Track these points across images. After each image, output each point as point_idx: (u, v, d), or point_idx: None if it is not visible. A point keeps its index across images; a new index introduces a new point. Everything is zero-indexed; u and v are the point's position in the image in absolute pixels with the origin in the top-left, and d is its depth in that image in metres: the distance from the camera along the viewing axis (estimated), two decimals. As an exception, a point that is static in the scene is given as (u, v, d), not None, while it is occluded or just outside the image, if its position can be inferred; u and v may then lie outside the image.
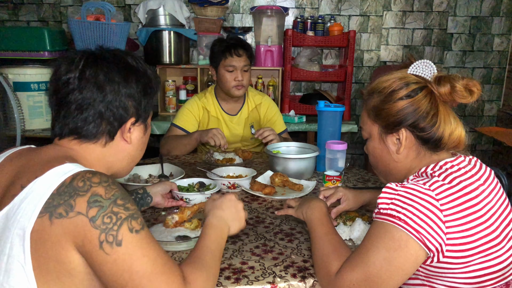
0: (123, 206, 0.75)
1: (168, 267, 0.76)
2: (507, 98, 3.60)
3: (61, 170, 0.75)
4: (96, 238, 0.71)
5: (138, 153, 0.96)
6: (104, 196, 0.73)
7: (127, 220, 0.74)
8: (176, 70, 3.39)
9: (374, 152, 1.07)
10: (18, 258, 0.71)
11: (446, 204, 0.86)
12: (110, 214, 0.72)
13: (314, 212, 1.12)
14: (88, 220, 0.71)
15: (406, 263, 0.86)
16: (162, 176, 1.65)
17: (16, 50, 2.66)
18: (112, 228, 0.72)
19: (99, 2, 2.63)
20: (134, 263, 0.73)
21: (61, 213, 0.71)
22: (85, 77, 0.83)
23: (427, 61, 0.99)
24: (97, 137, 0.86)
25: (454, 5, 3.48)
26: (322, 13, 3.48)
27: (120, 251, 0.72)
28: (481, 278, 0.88)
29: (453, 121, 0.97)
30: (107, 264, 0.72)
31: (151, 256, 0.75)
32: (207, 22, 3.22)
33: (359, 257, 0.90)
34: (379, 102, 1.01)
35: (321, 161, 1.81)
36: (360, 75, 3.61)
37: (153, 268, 0.74)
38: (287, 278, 0.98)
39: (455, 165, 0.95)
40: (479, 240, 0.87)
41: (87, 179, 0.74)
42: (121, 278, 0.72)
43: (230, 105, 2.22)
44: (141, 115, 0.91)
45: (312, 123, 3.05)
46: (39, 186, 0.73)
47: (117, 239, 0.72)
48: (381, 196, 0.91)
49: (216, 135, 1.89)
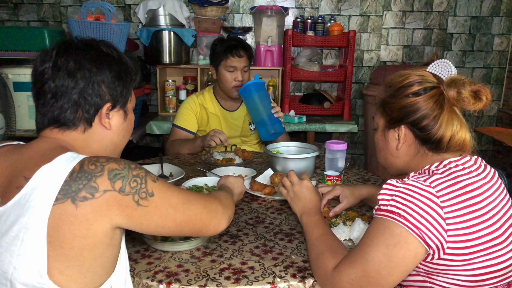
0: (137, 167, 0.82)
1: (190, 191, 0.94)
2: (507, 98, 3.60)
3: (66, 157, 0.78)
4: (131, 201, 0.78)
5: (121, 140, 0.97)
6: (119, 168, 0.79)
7: (147, 175, 0.83)
8: (176, 70, 3.39)
9: (377, 143, 1.10)
10: (33, 242, 0.73)
11: (446, 201, 0.86)
12: (134, 178, 0.80)
13: (310, 216, 1.13)
14: (117, 192, 0.77)
15: (406, 259, 0.86)
16: (162, 176, 1.65)
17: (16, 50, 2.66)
18: (141, 187, 0.80)
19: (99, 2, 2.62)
20: (171, 199, 0.85)
21: (85, 196, 0.74)
22: (57, 66, 0.86)
23: (446, 61, 0.99)
24: (75, 124, 0.88)
25: (454, 5, 3.48)
26: (322, 13, 3.48)
27: (155, 198, 0.82)
28: (482, 276, 0.88)
29: (456, 124, 0.96)
30: (151, 213, 0.82)
31: (176, 189, 0.88)
32: (207, 22, 3.22)
33: (359, 253, 0.90)
34: (387, 96, 1.02)
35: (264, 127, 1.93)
36: (360, 75, 3.61)
37: (184, 194, 0.89)
38: (287, 278, 0.98)
39: (459, 164, 0.95)
40: (481, 238, 0.86)
41: (96, 161, 0.78)
42: (168, 214, 0.84)
43: (229, 103, 2.25)
44: (117, 101, 0.92)
45: (312, 123, 3.05)
46: (49, 173, 0.75)
47: (148, 192, 0.81)
48: (382, 192, 0.91)
49: (214, 135, 1.92)
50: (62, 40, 0.91)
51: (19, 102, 2.64)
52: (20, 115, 2.66)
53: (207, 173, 1.65)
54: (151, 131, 3.00)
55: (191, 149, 2.08)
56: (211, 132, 1.94)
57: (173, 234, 0.91)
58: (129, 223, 0.81)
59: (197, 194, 0.95)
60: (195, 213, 0.90)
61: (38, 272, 0.73)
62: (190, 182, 1.47)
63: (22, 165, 0.80)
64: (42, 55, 0.88)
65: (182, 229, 0.90)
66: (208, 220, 0.93)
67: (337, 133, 3.31)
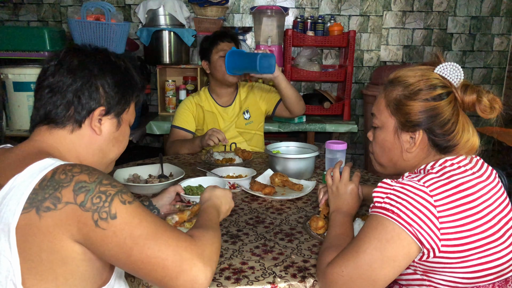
0: (110, 184, 0.74)
1: (169, 227, 0.78)
2: (507, 98, 3.60)
3: (41, 165, 0.75)
4: (90, 219, 0.71)
5: (110, 149, 0.93)
6: (88, 180, 0.73)
7: (117, 195, 0.74)
8: (176, 70, 3.39)
9: (383, 144, 1.05)
10: (4, 253, 0.71)
11: (440, 200, 0.86)
12: (98, 194, 0.72)
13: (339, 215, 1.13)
14: (77, 206, 0.71)
15: (398, 255, 0.86)
16: (162, 176, 1.65)
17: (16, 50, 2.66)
18: (103, 205, 0.72)
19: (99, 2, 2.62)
20: (134, 229, 0.73)
21: (49, 206, 0.71)
22: (61, 64, 0.87)
23: (455, 64, 0.97)
24: (64, 122, 0.86)
25: (454, 5, 3.48)
26: (322, 13, 3.48)
27: (116, 222, 0.72)
28: (479, 273, 0.88)
29: (471, 129, 0.97)
30: (107, 239, 0.72)
31: (149, 220, 0.75)
32: (207, 22, 3.22)
33: (352, 247, 0.91)
34: (402, 96, 0.99)
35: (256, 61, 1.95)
36: (360, 75, 3.61)
37: (155, 228, 0.74)
38: (287, 278, 0.98)
39: (455, 163, 0.95)
40: (475, 236, 0.87)
41: (68, 171, 0.74)
42: (124, 246, 0.72)
43: (223, 99, 2.29)
44: (112, 108, 0.90)
45: (312, 123, 3.05)
46: (20, 182, 0.73)
47: (111, 213, 0.72)
48: (377, 190, 0.92)
49: (212, 134, 1.93)
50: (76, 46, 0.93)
51: (19, 102, 2.64)
52: (20, 115, 2.66)
53: (207, 173, 1.65)
54: (151, 131, 3.01)
55: (190, 149, 2.09)
56: (209, 132, 1.95)
57: (129, 272, 0.76)
58: (87, 245, 0.73)
59: (174, 233, 0.76)
60: (157, 256, 0.73)
61: (14, 284, 0.71)
62: (185, 182, 1.47)
63: (0, 172, 0.78)
64: (51, 55, 0.89)
65: (137, 271, 0.74)
66: (176, 271, 0.74)
67: (337, 133, 3.31)
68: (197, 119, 2.26)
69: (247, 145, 2.29)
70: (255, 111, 2.30)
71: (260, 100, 2.32)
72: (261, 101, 2.31)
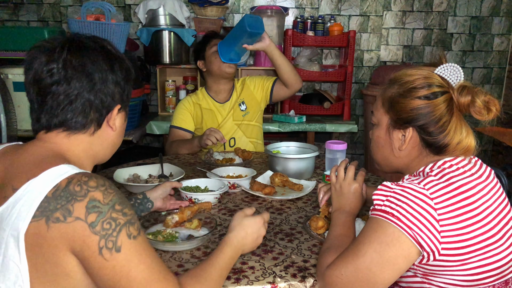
0: (121, 211, 0.74)
1: (163, 275, 0.77)
2: (507, 98, 3.60)
3: (56, 172, 0.74)
4: (96, 244, 0.71)
5: (119, 140, 0.95)
6: (102, 201, 0.72)
7: (125, 226, 0.74)
8: (176, 70, 3.39)
9: (377, 141, 1.07)
10: (14, 259, 0.71)
11: (440, 203, 0.86)
12: (109, 220, 0.72)
13: (341, 215, 1.12)
14: (87, 225, 0.71)
15: (398, 258, 0.86)
16: (162, 176, 1.65)
17: (16, 50, 2.66)
18: (112, 234, 0.72)
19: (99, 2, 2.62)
20: (132, 270, 0.73)
21: (59, 217, 0.70)
22: (72, 66, 0.81)
23: (456, 65, 0.97)
24: (86, 126, 0.85)
25: (454, 5, 3.48)
26: (322, 13, 3.48)
27: (119, 257, 0.72)
28: (479, 276, 0.88)
29: (464, 131, 0.96)
30: (105, 270, 0.72)
31: (147, 263, 0.76)
32: (207, 22, 3.22)
33: (351, 250, 0.91)
34: (397, 94, 0.99)
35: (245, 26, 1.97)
36: (360, 75, 3.61)
37: (149, 275, 0.75)
38: (287, 278, 0.98)
39: (453, 165, 0.95)
40: (475, 238, 0.87)
41: (84, 183, 0.73)
42: (118, 284, 0.73)
43: (221, 95, 2.30)
44: (124, 101, 0.91)
45: (312, 123, 3.05)
46: (33, 189, 0.72)
47: (117, 245, 0.72)
48: (377, 193, 0.92)
49: (210, 134, 1.93)
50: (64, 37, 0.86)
51: (19, 102, 2.64)
52: (20, 115, 2.66)
53: (207, 173, 1.65)
54: (151, 131, 3.01)
55: (189, 149, 2.09)
56: (207, 131, 1.95)
57: None
58: (83, 264, 0.73)
59: (168, 274, 0.78)
60: None
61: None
62: (184, 183, 1.46)
63: (14, 172, 0.77)
64: (47, 53, 0.81)
65: None
66: None
67: (337, 133, 3.31)
68: (196, 118, 2.27)
69: (246, 137, 2.29)
70: (250, 101, 2.31)
71: (254, 89, 2.33)
72: (256, 90, 2.32)
